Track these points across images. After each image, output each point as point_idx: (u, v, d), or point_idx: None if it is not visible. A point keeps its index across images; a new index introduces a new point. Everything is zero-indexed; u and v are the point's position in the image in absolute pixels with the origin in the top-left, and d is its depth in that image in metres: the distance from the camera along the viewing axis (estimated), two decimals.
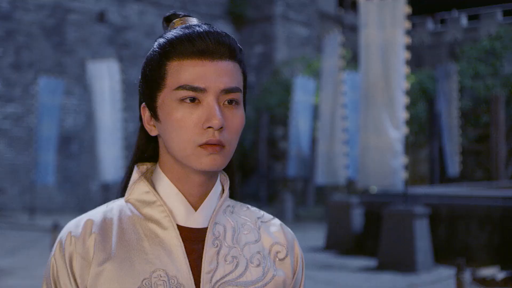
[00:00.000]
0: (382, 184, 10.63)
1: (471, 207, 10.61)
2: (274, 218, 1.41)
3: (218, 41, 1.25)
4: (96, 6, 24.06)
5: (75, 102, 23.21)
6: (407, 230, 9.92)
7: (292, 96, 18.31)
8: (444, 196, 11.49)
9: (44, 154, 17.64)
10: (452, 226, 10.72)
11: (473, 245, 10.31)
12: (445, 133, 17.09)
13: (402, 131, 10.27)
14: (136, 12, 25.15)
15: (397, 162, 10.23)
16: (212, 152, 1.22)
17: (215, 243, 1.29)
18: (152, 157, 1.38)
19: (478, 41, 23.23)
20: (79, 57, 23.00)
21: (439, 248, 10.51)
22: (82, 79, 21.31)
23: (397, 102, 10.26)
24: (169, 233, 1.27)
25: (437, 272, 9.83)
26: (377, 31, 10.46)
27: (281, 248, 1.36)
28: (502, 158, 17.32)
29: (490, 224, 10.25)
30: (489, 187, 14.37)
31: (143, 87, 1.30)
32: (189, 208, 1.29)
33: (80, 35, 23.57)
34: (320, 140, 13.85)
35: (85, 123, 23.09)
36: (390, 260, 10.03)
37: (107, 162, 16.20)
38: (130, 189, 1.33)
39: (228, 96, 1.25)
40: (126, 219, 1.29)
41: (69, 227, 1.29)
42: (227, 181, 1.37)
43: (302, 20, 29.49)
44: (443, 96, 17.22)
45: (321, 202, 22.70)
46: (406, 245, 9.90)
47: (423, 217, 10.07)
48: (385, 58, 10.33)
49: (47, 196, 21.87)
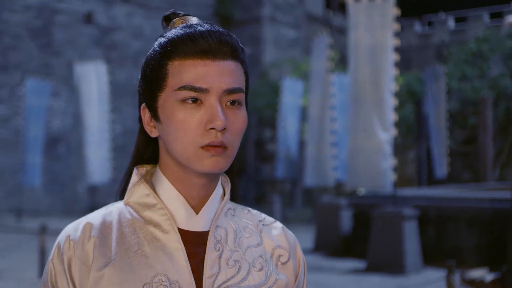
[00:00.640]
0: (371, 186, 10.64)
1: (459, 209, 10.63)
2: (275, 221, 1.39)
3: (221, 40, 1.22)
4: (83, 7, 23.96)
5: (62, 103, 23.10)
6: (396, 232, 9.92)
7: (280, 97, 18.30)
8: (432, 198, 11.51)
9: (31, 156, 17.53)
10: (441, 228, 10.74)
11: (462, 247, 10.33)
12: (433, 135, 17.14)
13: (391, 133, 10.28)
14: (124, 14, 25.07)
15: (386, 164, 10.24)
16: (215, 154, 1.20)
17: (217, 246, 1.26)
18: (151, 159, 1.35)
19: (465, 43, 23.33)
20: (66, 58, 22.89)
21: (428, 250, 10.52)
22: (69, 81, 21.19)
23: (386, 104, 10.27)
24: (170, 237, 1.24)
25: (426, 274, 9.84)
26: (366, 33, 10.46)
27: (283, 251, 1.34)
28: (489, 160, 17.39)
29: (479, 226, 10.28)
30: (477, 189, 14.41)
31: (143, 87, 1.28)
32: (190, 211, 1.26)
33: (67, 37, 23.46)
34: (309, 142, 13.85)
35: (72, 125, 22.98)
36: (379, 262, 10.02)
37: (94, 164, 16.13)
38: (130, 191, 1.30)
39: (231, 96, 1.22)
40: (126, 223, 1.26)
41: (67, 231, 1.26)
42: (228, 183, 1.35)
43: (290, 22, 29.50)
44: (431, 98, 17.26)
45: (309, 203, 22.71)
46: (395, 247, 9.90)
47: (412, 219, 10.08)
48: (374, 60, 10.33)
49: (34, 198, 21.73)
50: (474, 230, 10.30)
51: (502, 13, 24.63)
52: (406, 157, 24.20)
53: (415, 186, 18.43)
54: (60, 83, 22.82)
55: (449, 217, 10.68)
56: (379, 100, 10.27)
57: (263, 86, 25.48)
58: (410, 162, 23.95)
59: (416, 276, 9.70)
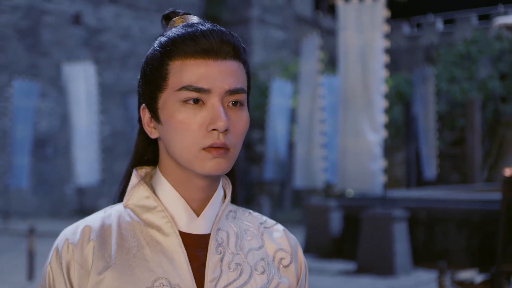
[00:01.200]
0: (361, 188, 10.64)
1: (449, 211, 10.65)
2: (276, 224, 1.37)
3: (223, 40, 1.20)
4: (71, 8, 23.86)
5: (50, 104, 22.99)
6: (386, 234, 9.92)
7: (269, 99, 18.29)
8: (422, 200, 11.52)
9: (18, 157, 17.43)
10: (431, 230, 10.76)
11: (452, 248, 10.35)
12: (421, 137, 17.18)
13: (381, 135, 10.29)
14: (112, 15, 24.99)
15: (376, 166, 10.24)
16: (217, 155, 1.17)
17: (218, 250, 1.24)
18: (151, 160, 1.33)
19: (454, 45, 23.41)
20: (54, 59, 22.78)
21: (418, 251, 10.54)
22: (57, 82, 21.10)
23: (376, 106, 10.28)
24: (171, 240, 1.22)
25: (416, 275, 9.85)
26: (355, 34, 10.47)
27: (285, 254, 1.32)
28: (477, 161, 17.46)
29: (468, 227, 10.30)
30: (466, 190, 14.45)
31: (143, 87, 1.25)
32: (191, 214, 1.24)
33: (55, 37, 23.35)
34: (298, 143, 13.84)
35: (60, 126, 22.88)
36: (369, 264, 10.03)
37: (82, 166, 16.06)
38: (129, 194, 1.28)
39: (233, 97, 1.20)
40: (125, 225, 1.24)
41: (65, 234, 1.24)
42: (229, 185, 1.33)
43: (278, 23, 29.51)
44: (419, 99, 17.31)
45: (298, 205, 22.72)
46: (385, 248, 9.90)
47: (402, 221, 10.09)
48: (364, 62, 10.34)
49: (21, 199, 21.61)
50: (464, 232, 10.32)
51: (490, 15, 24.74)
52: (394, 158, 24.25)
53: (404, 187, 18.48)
54: (48, 84, 22.72)
55: (438, 219, 10.70)
56: (369, 102, 10.28)
57: (252, 87, 25.45)
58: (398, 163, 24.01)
59: (406, 277, 9.70)
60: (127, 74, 24.90)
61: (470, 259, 9.95)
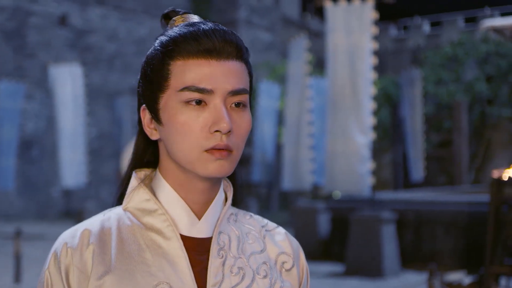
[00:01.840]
0: (349, 190, 10.64)
1: (437, 213, 10.68)
2: (278, 227, 1.35)
3: (225, 39, 1.18)
4: (58, 9, 23.74)
5: (36, 106, 22.87)
6: (374, 236, 9.93)
7: (257, 101, 18.27)
8: (410, 202, 11.54)
9: (4, 159, 17.29)
10: (419, 231, 10.78)
11: (440, 250, 10.38)
12: (408, 139, 17.21)
13: (369, 137, 10.29)
14: (99, 16, 24.89)
15: (364, 168, 10.24)
16: (220, 157, 1.15)
17: (220, 253, 1.22)
18: (150, 162, 1.30)
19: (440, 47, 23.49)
20: (41, 60, 22.66)
21: (406, 254, 10.55)
22: (44, 83, 20.97)
23: (364, 108, 10.28)
24: (172, 244, 1.19)
25: (404, 277, 9.87)
26: (344, 36, 10.46)
27: (287, 258, 1.30)
28: (464, 163, 17.52)
29: (456, 229, 10.33)
30: (453, 192, 14.50)
31: (144, 88, 1.22)
32: (193, 217, 1.22)
33: (41, 39, 23.23)
34: (286, 145, 13.83)
35: (46, 128, 22.75)
36: (357, 266, 10.03)
37: (68, 168, 15.96)
38: (129, 196, 1.25)
39: (236, 98, 1.18)
40: (125, 229, 1.22)
41: (64, 238, 1.21)
42: (231, 187, 1.30)
43: (265, 25, 29.52)
44: (407, 102, 17.35)
45: (285, 207, 22.72)
46: (374, 250, 9.91)
47: (390, 223, 10.10)
48: (352, 63, 10.34)
49: (7, 201, 21.48)
50: (452, 234, 10.35)
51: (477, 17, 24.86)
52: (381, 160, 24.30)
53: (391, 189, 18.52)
54: (34, 85, 22.60)
55: (427, 221, 10.72)
56: (357, 104, 10.28)
57: None
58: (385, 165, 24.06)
59: (394, 279, 9.71)
60: (114, 76, 24.81)
61: (458, 261, 9.98)
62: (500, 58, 21.08)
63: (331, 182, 10.67)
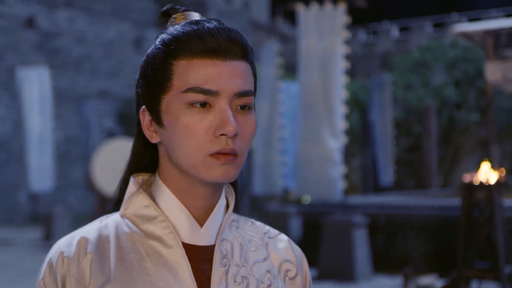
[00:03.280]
0: (321, 194, 10.63)
1: (409, 216, 10.72)
2: (280, 234, 1.30)
3: (231, 38, 1.12)
4: (25, 11, 23.44)
5: (2, 110, 22.52)
6: (346, 240, 9.93)
7: None
8: (382, 206, 11.58)
9: None
10: (391, 235, 10.81)
11: (411, 254, 10.41)
12: (378, 143, 17.28)
13: (341, 141, 10.31)
14: (66, 18, 24.63)
15: (336, 172, 10.25)
16: (225, 162, 1.10)
17: (223, 262, 1.17)
18: (148, 166, 1.24)
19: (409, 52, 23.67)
20: (7, 63, 22.35)
21: (378, 257, 10.57)
22: (11, 86, 20.68)
23: (336, 112, 10.29)
24: (174, 252, 1.14)
25: (377, 281, 9.88)
26: (316, 40, 10.46)
27: (291, 266, 1.26)
28: (433, 167, 17.64)
29: (428, 233, 10.38)
30: (423, 195, 14.59)
31: (144, 88, 1.16)
32: (194, 224, 1.16)
33: (8, 41, 22.91)
34: (257, 149, 13.79)
35: (13, 132, 22.41)
36: (330, 270, 10.02)
37: (36, 172, 15.74)
38: (127, 202, 1.19)
39: (241, 100, 1.12)
40: (124, 237, 1.16)
41: (59, 247, 1.15)
42: (232, 193, 1.25)
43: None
44: (376, 106, 17.42)
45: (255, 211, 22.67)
46: (346, 254, 9.91)
47: (362, 227, 10.11)
48: (324, 68, 10.34)
49: None
50: (424, 237, 10.40)
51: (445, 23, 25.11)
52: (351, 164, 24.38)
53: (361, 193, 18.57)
54: (1, 89, 22.28)
55: (399, 225, 10.75)
56: (329, 108, 10.28)
57: None
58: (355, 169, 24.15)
59: (366, 283, 9.72)
60: (81, 79, 24.56)
61: (430, 265, 10.02)
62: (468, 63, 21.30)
63: (302, 186, 10.66)
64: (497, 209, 7.02)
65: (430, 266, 9.96)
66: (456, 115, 21.38)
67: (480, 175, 7.34)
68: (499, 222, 7.01)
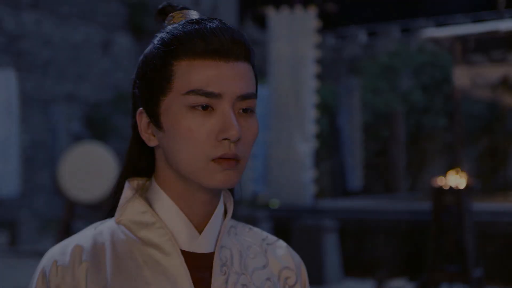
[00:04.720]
0: (291, 198, 10.63)
1: (378, 221, 10.76)
2: (279, 240, 1.27)
3: (234, 39, 1.08)
4: None
5: None
6: (316, 244, 9.93)
7: None
8: (352, 210, 11.61)
9: None
10: (361, 239, 10.84)
11: (381, 257, 10.45)
12: (346, 147, 17.35)
13: (312, 145, 10.32)
14: (33, 21, 24.32)
15: (307, 176, 10.27)
16: (228, 167, 1.06)
17: (223, 270, 1.13)
18: (144, 170, 1.19)
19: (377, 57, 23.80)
20: None
21: (348, 261, 10.59)
22: None
23: (307, 116, 10.31)
24: (172, 260, 1.09)
25: (347, 284, 9.90)
26: (286, 44, 10.47)
27: (290, 273, 1.22)
28: (401, 171, 17.78)
29: (397, 236, 10.43)
30: (391, 199, 14.67)
31: (142, 89, 1.12)
32: (193, 230, 1.12)
33: None
34: None
35: None
36: None
37: (0, 177, 15.49)
38: (122, 208, 1.14)
39: (244, 103, 1.09)
40: (120, 244, 1.11)
41: (53, 255, 1.09)
42: (231, 199, 1.21)
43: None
44: (345, 110, 17.49)
45: None
46: (316, 259, 9.91)
47: (333, 231, 10.12)
48: (295, 72, 10.35)
49: None
50: (393, 241, 10.45)
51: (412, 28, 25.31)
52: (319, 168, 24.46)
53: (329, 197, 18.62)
54: None
55: (368, 229, 10.79)
56: (300, 112, 10.30)
57: None
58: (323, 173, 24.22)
59: (337, 287, 9.74)
60: (48, 82, 24.26)
61: (400, 268, 10.07)
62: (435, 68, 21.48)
63: (273, 190, 10.65)
64: (467, 213, 7.09)
65: (400, 270, 10.01)
66: (424, 120, 21.56)
67: (450, 180, 7.40)
68: (468, 226, 7.08)
